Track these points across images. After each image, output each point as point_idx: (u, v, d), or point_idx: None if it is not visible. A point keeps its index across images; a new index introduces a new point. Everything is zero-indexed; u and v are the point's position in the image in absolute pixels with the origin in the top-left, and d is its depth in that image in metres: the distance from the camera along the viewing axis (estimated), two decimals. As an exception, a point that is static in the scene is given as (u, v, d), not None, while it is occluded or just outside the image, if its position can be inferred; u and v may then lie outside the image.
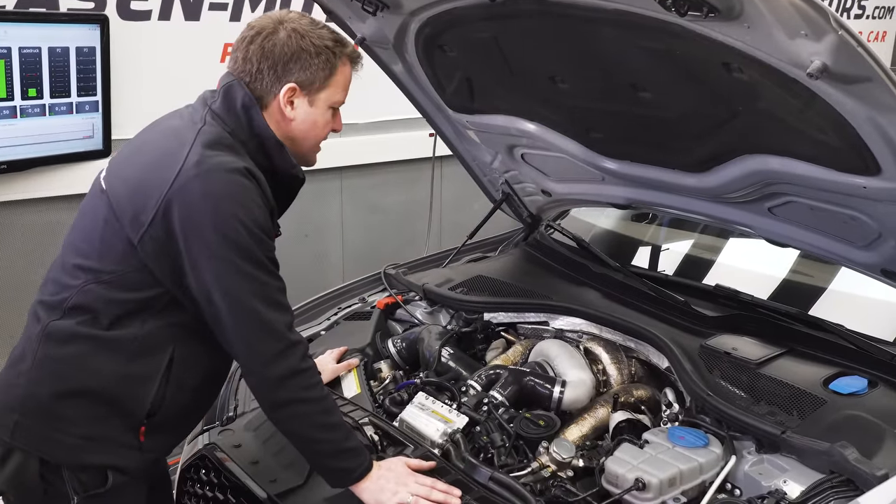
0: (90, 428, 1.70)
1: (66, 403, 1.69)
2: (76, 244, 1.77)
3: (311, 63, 1.74)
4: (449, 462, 1.88)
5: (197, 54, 3.69)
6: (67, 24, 3.46)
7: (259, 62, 1.73)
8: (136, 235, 1.64)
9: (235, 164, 1.65)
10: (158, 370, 1.72)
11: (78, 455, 1.70)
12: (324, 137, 1.89)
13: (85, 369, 1.69)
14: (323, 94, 1.78)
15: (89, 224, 1.75)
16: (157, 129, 1.81)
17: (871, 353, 2.07)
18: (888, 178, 1.70)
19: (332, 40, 1.77)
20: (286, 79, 1.74)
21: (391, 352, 2.42)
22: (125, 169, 1.75)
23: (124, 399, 1.71)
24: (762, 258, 2.65)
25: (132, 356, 1.69)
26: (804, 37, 1.42)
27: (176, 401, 1.76)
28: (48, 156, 3.53)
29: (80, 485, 1.70)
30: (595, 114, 2.26)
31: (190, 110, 1.80)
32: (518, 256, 2.97)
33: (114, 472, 1.72)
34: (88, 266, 1.71)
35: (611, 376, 2.25)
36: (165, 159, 1.65)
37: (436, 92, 2.59)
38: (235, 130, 1.73)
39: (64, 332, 1.70)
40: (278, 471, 1.93)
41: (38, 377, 1.70)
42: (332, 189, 4.69)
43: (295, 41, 1.73)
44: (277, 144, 1.77)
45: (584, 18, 1.82)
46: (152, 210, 1.62)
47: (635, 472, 1.76)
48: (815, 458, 1.75)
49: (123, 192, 1.69)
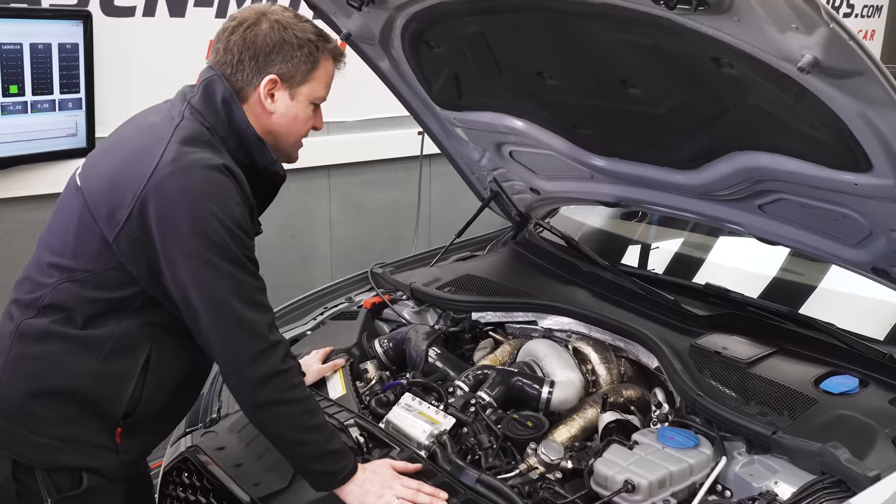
0: (64, 428, 1.67)
1: (40, 403, 1.66)
2: (50, 242, 1.74)
3: (294, 55, 1.72)
4: (435, 464, 1.85)
5: (182, 51, 3.64)
6: (50, 20, 3.41)
7: (240, 52, 1.72)
8: (112, 233, 1.61)
9: (213, 161, 1.62)
10: (135, 370, 1.69)
11: (52, 456, 1.67)
12: (305, 134, 1.86)
13: (59, 368, 1.66)
14: (304, 89, 1.77)
15: (64, 222, 1.72)
16: (134, 124, 1.78)
17: (862, 352, 2.05)
18: (879, 174, 1.68)
19: (315, 34, 1.76)
20: (267, 70, 1.72)
21: (378, 352, 2.38)
22: (100, 165, 1.72)
23: (99, 399, 1.68)
24: (752, 256, 2.64)
25: (107, 356, 1.66)
26: (795, 30, 1.40)
27: (153, 401, 1.73)
28: (30, 154, 3.49)
29: (55, 487, 1.67)
30: (583, 110, 2.23)
31: (168, 105, 1.77)
32: (507, 255, 2.95)
33: (89, 474, 1.69)
34: (63, 264, 1.68)
35: (600, 376, 2.22)
36: (141, 156, 1.62)
37: (423, 89, 2.56)
38: (215, 126, 1.71)
39: (37, 330, 1.67)
40: (262, 474, 1.90)
41: (10, 376, 1.67)
42: (320, 187, 4.65)
43: (277, 32, 1.71)
44: (258, 140, 1.75)
45: (571, 13, 1.79)
46: (128, 207, 1.59)
47: (624, 473, 1.73)
48: (806, 459, 1.72)
49: (98, 189, 1.66)
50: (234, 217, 1.61)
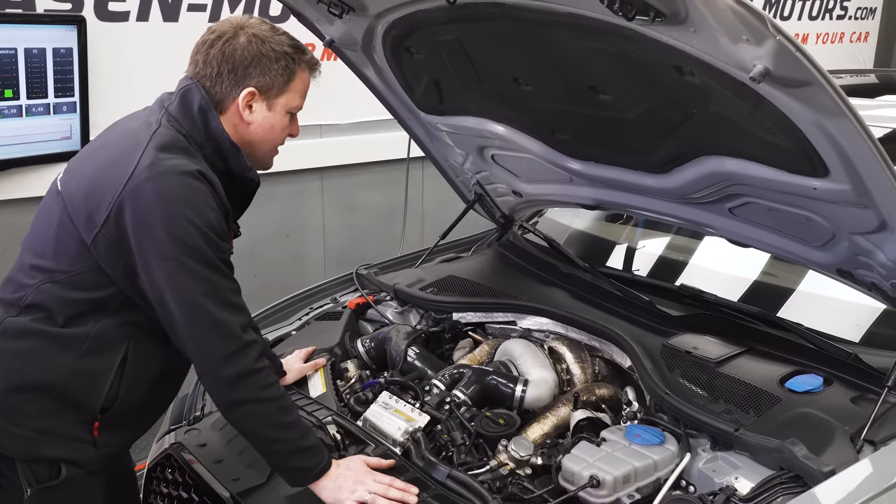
0: (44, 422, 1.72)
1: (20, 397, 1.72)
2: (32, 244, 1.80)
3: (271, 68, 1.78)
4: (409, 460, 1.91)
5: (175, 55, 3.67)
6: (44, 25, 3.47)
7: (219, 66, 1.77)
8: (90, 236, 1.67)
9: (188, 167, 1.68)
10: (112, 367, 1.74)
11: (33, 447, 1.73)
12: (281, 142, 1.92)
13: (38, 364, 1.72)
14: (281, 100, 1.83)
15: (45, 224, 1.78)
16: (114, 131, 1.84)
17: (828, 351, 2.10)
18: (836, 180, 1.73)
19: (292, 47, 1.82)
20: (245, 83, 1.78)
21: (360, 351, 2.44)
22: (80, 170, 1.77)
23: (77, 394, 1.74)
24: (735, 260, 2.67)
25: (85, 353, 1.72)
26: (746, 41, 1.45)
27: (130, 397, 1.79)
28: (25, 157, 3.55)
29: (34, 477, 1.73)
30: (559, 115, 2.28)
31: (146, 112, 1.82)
32: (490, 257, 3.00)
33: (68, 466, 1.74)
34: (44, 266, 1.74)
35: (574, 375, 2.27)
36: (119, 161, 1.68)
37: (406, 94, 2.61)
38: (191, 133, 1.76)
39: (19, 328, 1.73)
40: (241, 470, 1.96)
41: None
42: (313, 189, 4.71)
43: (255, 46, 1.77)
44: (232, 147, 1.80)
45: (541, 21, 1.84)
46: (105, 211, 1.65)
47: (590, 469, 1.78)
48: (766, 455, 1.77)
49: (77, 193, 1.72)
50: (209, 221, 1.66)
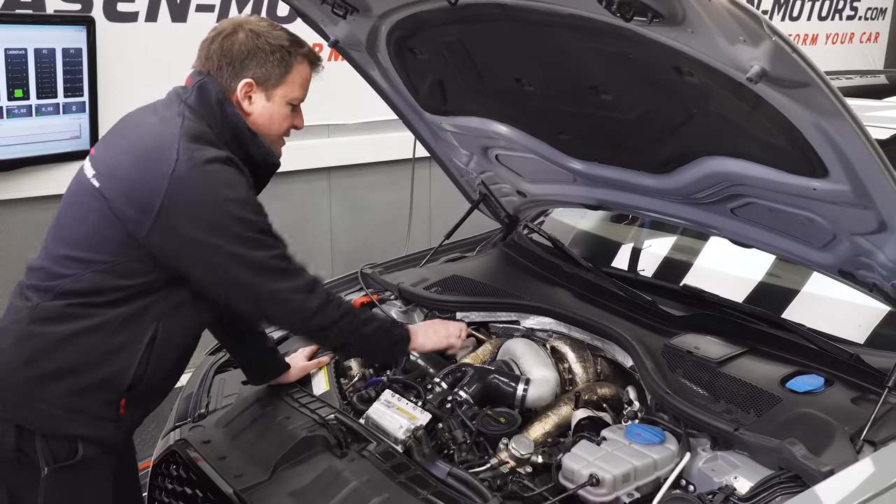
0: (73, 400, 1.78)
1: (52, 377, 1.77)
2: (65, 236, 1.84)
3: (267, 60, 1.88)
4: (410, 458, 1.92)
5: (183, 55, 3.71)
6: (54, 25, 3.51)
7: (219, 59, 1.87)
8: (142, 231, 1.74)
9: (222, 155, 1.78)
10: (141, 347, 1.81)
11: (59, 424, 1.78)
12: (283, 132, 1.99)
13: (71, 346, 1.77)
14: (280, 90, 1.91)
15: (79, 218, 1.82)
16: (137, 128, 1.88)
17: (830, 352, 2.10)
18: (835, 180, 1.73)
19: (288, 40, 1.91)
20: (243, 74, 1.87)
21: (363, 350, 2.45)
22: (116, 169, 1.81)
23: (107, 374, 1.79)
24: (740, 260, 2.67)
25: (116, 334, 1.79)
26: (743, 42, 1.46)
27: (155, 374, 1.86)
28: (35, 156, 3.60)
29: (52, 456, 1.77)
30: (561, 116, 2.29)
31: (162, 106, 1.88)
32: (495, 256, 3.01)
33: (86, 445, 1.79)
34: (81, 257, 1.78)
35: (576, 374, 2.28)
36: (157, 156, 1.75)
37: (410, 94, 2.63)
38: (211, 124, 1.85)
39: (53, 312, 1.78)
40: (245, 466, 1.97)
41: (23, 353, 1.77)
42: (321, 189, 4.74)
43: (251, 40, 1.87)
44: (250, 134, 1.89)
45: (542, 22, 1.85)
46: (156, 207, 1.72)
47: (590, 468, 1.79)
48: (765, 455, 1.77)
49: (119, 191, 1.77)
50: (251, 201, 1.80)
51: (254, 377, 2.28)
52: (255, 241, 1.78)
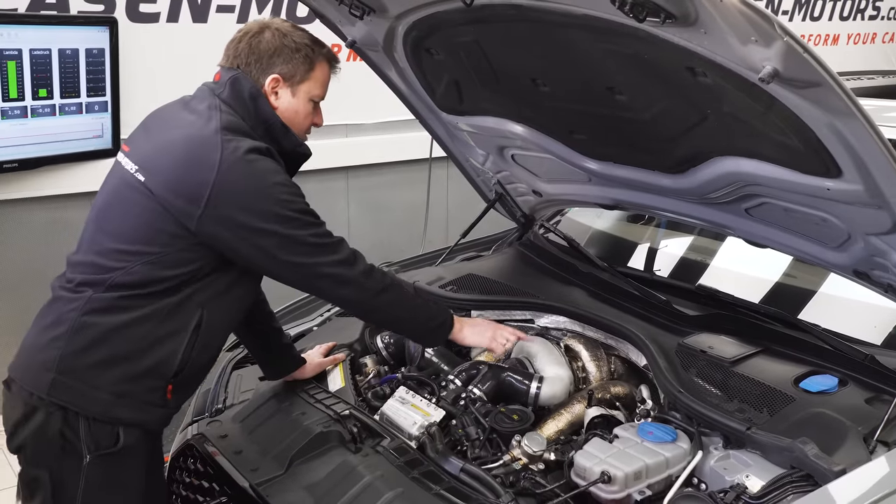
0: (123, 386, 1.85)
1: (103, 364, 1.84)
2: (113, 231, 1.90)
3: (293, 58, 1.97)
4: (423, 454, 1.94)
5: (204, 55, 3.76)
6: (77, 26, 3.56)
7: (247, 56, 1.96)
8: (194, 219, 1.82)
9: (259, 145, 1.87)
10: (187, 334, 1.89)
11: (108, 409, 1.85)
12: (306, 128, 2.08)
13: (122, 335, 1.84)
14: (304, 87, 2.00)
15: (126, 213, 1.89)
16: (174, 122, 1.94)
17: (844, 352, 2.10)
18: (849, 180, 1.73)
19: (311, 41, 2.01)
20: (271, 70, 1.96)
21: (379, 347, 2.48)
22: (160, 164, 1.87)
23: (156, 361, 1.87)
24: (757, 261, 2.67)
25: (165, 323, 1.87)
26: (755, 42, 1.46)
27: (199, 359, 1.95)
28: (58, 154, 3.65)
29: (94, 443, 1.84)
30: (576, 115, 2.30)
31: (196, 101, 1.95)
32: (510, 256, 3.02)
33: (128, 430, 1.86)
34: (132, 250, 1.85)
35: (590, 373, 2.29)
36: (201, 148, 1.83)
37: (427, 94, 2.65)
38: (245, 117, 1.93)
39: (105, 303, 1.85)
40: (260, 460, 2.00)
41: (76, 341, 1.83)
42: (339, 188, 4.77)
43: (278, 39, 1.97)
44: (283, 127, 1.98)
45: (556, 23, 1.86)
46: (204, 197, 1.80)
47: (602, 465, 1.80)
48: (777, 454, 1.78)
49: (165, 184, 1.84)
50: (291, 184, 1.89)
51: (270, 372, 2.31)
52: (299, 221, 1.87)
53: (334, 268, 1.94)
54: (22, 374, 1.89)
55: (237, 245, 1.86)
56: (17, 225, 3.78)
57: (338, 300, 2.11)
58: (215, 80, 1.97)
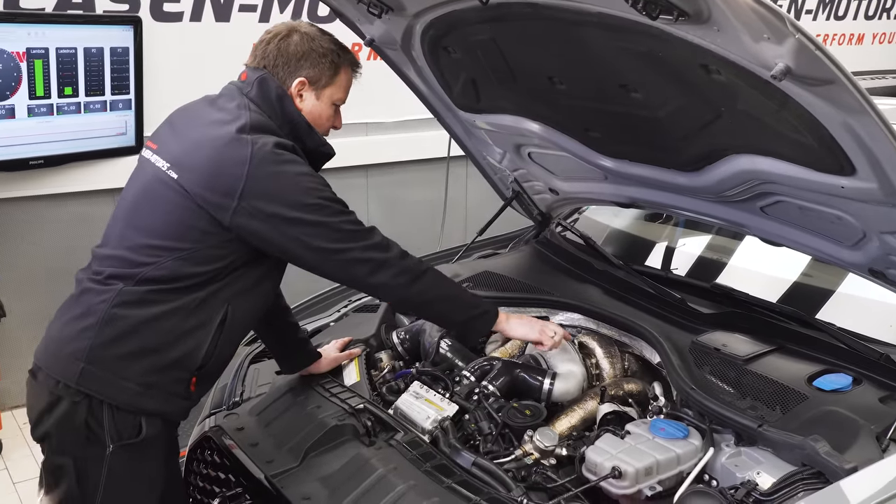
0: (150, 377, 1.89)
1: (131, 356, 1.88)
2: (144, 226, 1.93)
3: (319, 62, 2.01)
4: (436, 447, 1.96)
5: (227, 54, 3.81)
6: (102, 25, 3.61)
7: (275, 59, 2.00)
8: (227, 216, 1.86)
9: (286, 143, 1.92)
10: (212, 328, 1.93)
11: (135, 399, 1.88)
12: (326, 130, 2.11)
13: (151, 328, 1.88)
14: (328, 91, 2.05)
15: (157, 208, 1.93)
16: (203, 120, 1.96)
17: (859, 351, 2.09)
18: (863, 178, 1.73)
19: (336, 46, 2.05)
20: (298, 73, 2.00)
21: (395, 343, 2.50)
22: (192, 161, 1.90)
23: (182, 353, 1.91)
24: (775, 260, 2.67)
25: (192, 317, 1.90)
26: (767, 40, 1.47)
27: (223, 353, 1.99)
28: (83, 151, 3.71)
29: (118, 433, 1.87)
30: (592, 113, 2.31)
31: (224, 100, 1.99)
32: (526, 254, 3.03)
33: (150, 420, 1.90)
34: (164, 245, 1.89)
35: (603, 370, 2.30)
36: (231, 146, 1.86)
37: (444, 92, 2.67)
38: (271, 116, 1.97)
39: (135, 297, 1.88)
40: (275, 453, 2.03)
41: (105, 332, 1.87)
42: (358, 186, 4.80)
43: (306, 43, 2.01)
44: (308, 127, 2.02)
45: (571, 21, 1.87)
46: (238, 191, 1.84)
47: (613, 460, 1.82)
48: (788, 451, 1.79)
49: (199, 181, 1.88)
50: (318, 176, 1.94)
51: (286, 366, 2.34)
52: (329, 209, 1.90)
53: (369, 252, 1.95)
54: (51, 362, 1.92)
55: (271, 235, 1.88)
56: (42, 221, 3.85)
57: (375, 287, 2.08)
58: (242, 79, 2.01)
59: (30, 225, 3.83)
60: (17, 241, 3.82)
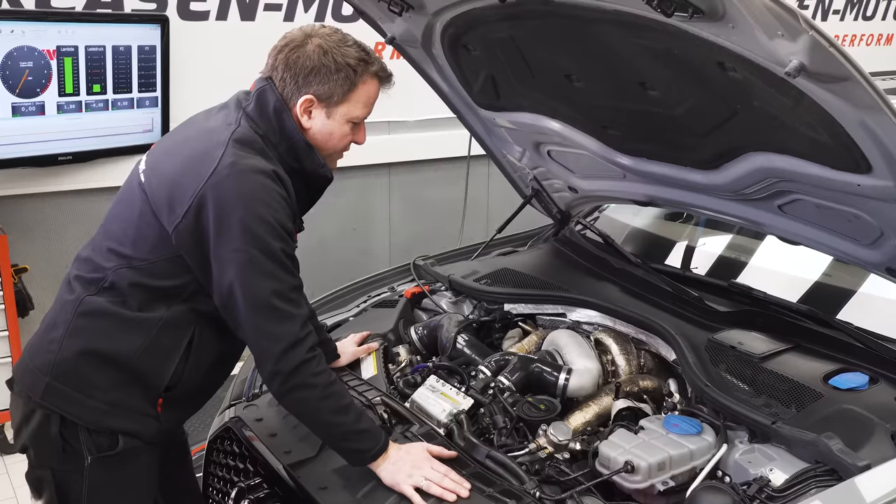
0: (114, 395, 1.84)
1: (94, 370, 1.83)
2: (111, 229, 1.90)
3: (331, 78, 1.83)
4: (451, 440, 1.98)
5: (252, 53, 3.83)
6: (130, 24, 3.68)
7: (283, 71, 1.84)
8: (171, 226, 1.77)
9: (265, 167, 1.77)
10: (179, 349, 1.85)
11: (101, 418, 1.84)
12: (341, 150, 1.97)
13: (113, 343, 1.83)
14: (341, 109, 1.87)
15: (125, 213, 1.88)
16: (192, 128, 1.93)
17: (876, 350, 2.09)
18: (879, 176, 1.73)
19: (356, 59, 1.85)
20: (305, 90, 1.84)
21: (413, 338, 2.52)
22: (162, 166, 1.86)
23: (147, 372, 1.85)
24: (796, 260, 2.66)
25: (157, 335, 1.83)
26: (781, 37, 1.48)
27: (192, 378, 1.91)
28: (110, 148, 3.77)
29: (95, 446, 1.84)
30: (610, 111, 2.33)
31: (224, 112, 1.90)
32: (545, 251, 3.05)
33: (126, 437, 1.86)
34: (122, 252, 1.84)
35: (619, 366, 2.31)
36: (201, 157, 1.77)
37: (464, 90, 2.69)
38: (267, 133, 1.85)
39: (96, 308, 1.84)
40: (294, 443, 2.06)
41: (69, 345, 1.83)
42: (381, 184, 4.83)
43: (318, 56, 1.82)
44: (307, 147, 1.88)
45: (587, 19, 1.89)
46: (187, 203, 1.74)
47: (626, 455, 1.83)
48: (802, 449, 1.79)
49: (160, 188, 1.81)
50: (280, 220, 1.75)
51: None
52: (264, 270, 1.73)
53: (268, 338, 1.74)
54: (21, 375, 1.89)
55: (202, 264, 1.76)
56: (70, 216, 3.92)
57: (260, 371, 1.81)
58: (251, 89, 1.89)
59: (58, 220, 3.90)
60: (45, 236, 3.90)
